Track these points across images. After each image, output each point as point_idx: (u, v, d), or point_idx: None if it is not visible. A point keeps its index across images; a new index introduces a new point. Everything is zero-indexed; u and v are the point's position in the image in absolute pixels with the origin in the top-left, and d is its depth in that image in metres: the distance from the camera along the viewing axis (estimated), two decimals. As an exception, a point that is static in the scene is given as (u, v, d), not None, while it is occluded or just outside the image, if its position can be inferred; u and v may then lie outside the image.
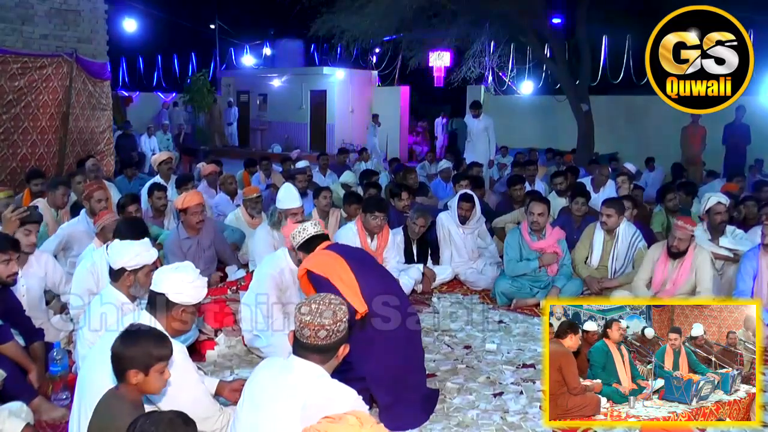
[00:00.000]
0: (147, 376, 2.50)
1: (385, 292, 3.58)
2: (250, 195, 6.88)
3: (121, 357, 2.51)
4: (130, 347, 2.51)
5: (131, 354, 2.49)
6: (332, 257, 3.58)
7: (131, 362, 2.49)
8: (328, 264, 3.54)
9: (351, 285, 3.45)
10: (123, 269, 3.60)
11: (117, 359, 2.52)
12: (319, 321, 2.42)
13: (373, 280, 3.61)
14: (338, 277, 3.45)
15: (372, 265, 3.87)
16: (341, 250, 3.75)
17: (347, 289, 3.38)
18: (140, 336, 2.56)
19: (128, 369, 2.49)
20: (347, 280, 3.47)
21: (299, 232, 3.90)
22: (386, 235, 5.90)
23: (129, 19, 23.00)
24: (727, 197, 5.93)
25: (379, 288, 3.59)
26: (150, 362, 2.51)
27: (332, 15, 15.55)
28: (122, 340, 2.55)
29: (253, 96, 23.09)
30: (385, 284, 3.73)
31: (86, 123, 10.43)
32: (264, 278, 4.42)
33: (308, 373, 2.45)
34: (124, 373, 2.50)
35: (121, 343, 2.53)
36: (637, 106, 16.13)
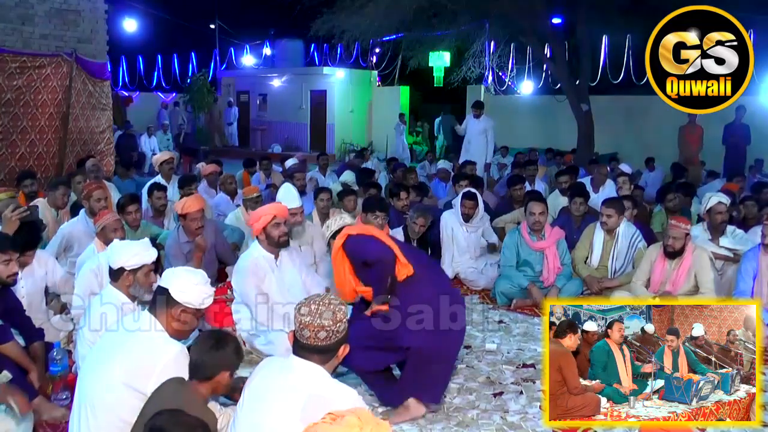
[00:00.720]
0: (231, 377, 2.65)
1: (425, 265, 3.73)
2: (250, 195, 6.88)
3: (217, 359, 2.66)
4: (226, 348, 2.69)
5: (225, 356, 2.67)
6: (372, 227, 3.74)
7: (226, 364, 2.68)
8: (370, 229, 3.67)
9: (392, 245, 3.53)
10: (122, 269, 3.60)
11: (211, 360, 2.66)
12: (319, 322, 2.42)
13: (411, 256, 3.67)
14: (382, 236, 3.54)
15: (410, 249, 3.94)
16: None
17: (394, 246, 3.47)
18: (229, 339, 2.77)
19: (223, 370, 2.66)
20: (388, 241, 3.54)
21: (336, 221, 3.99)
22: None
23: (129, 19, 22.99)
24: (727, 197, 5.93)
25: (419, 262, 3.69)
26: (236, 364, 2.72)
27: (332, 15, 15.56)
28: (217, 344, 2.70)
29: (253, 96, 23.10)
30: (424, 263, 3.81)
31: (86, 123, 10.43)
32: (242, 272, 4.52)
33: (308, 373, 2.44)
34: (216, 373, 2.65)
35: (216, 346, 2.69)
36: (637, 106, 16.12)
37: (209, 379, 2.66)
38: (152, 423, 2.32)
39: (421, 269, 3.66)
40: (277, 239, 4.51)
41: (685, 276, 5.00)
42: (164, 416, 2.34)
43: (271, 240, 4.51)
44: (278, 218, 4.51)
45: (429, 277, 3.72)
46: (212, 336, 2.79)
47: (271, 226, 4.49)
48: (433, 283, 3.70)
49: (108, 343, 2.95)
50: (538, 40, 14.26)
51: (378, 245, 3.60)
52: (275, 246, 4.54)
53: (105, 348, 2.93)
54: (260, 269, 4.50)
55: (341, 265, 3.69)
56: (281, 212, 4.58)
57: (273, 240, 4.51)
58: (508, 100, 19.36)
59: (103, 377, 2.77)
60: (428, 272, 3.76)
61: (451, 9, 14.48)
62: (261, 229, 4.51)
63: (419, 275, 3.61)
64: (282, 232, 4.52)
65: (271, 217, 4.49)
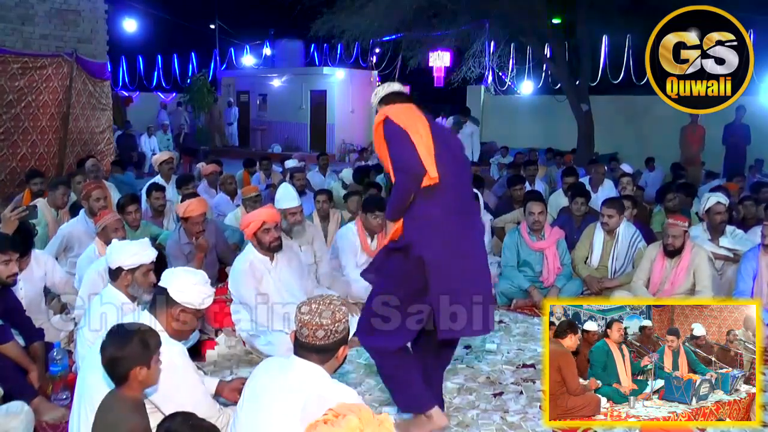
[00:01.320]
0: (150, 369, 2.49)
1: (456, 174, 3.26)
2: (249, 194, 6.87)
3: (122, 357, 2.48)
4: (127, 345, 2.48)
5: (131, 352, 2.47)
6: (416, 114, 3.28)
7: (134, 360, 2.47)
8: (410, 117, 3.24)
9: (428, 145, 3.15)
10: (120, 268, 3.60)
11: (117, 361, 2.49)
12: (318, 321, 2.43)
13: (448, 160, 3.24)
14: (417, 132, 3.16)
15: (452, 151, 3.37)
16: (426, 114, 3.40)
17: (423, 147, 3.12)
18: (131, 332, 2.54)
19: (132, 367, 2.47)
20: (425, 139, 3.16)
21: (383, 88, 3.58)
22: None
23: (129, 19, 22.99)
24: (726, 197, 5.93)
25: (452, 169, 3.25)
26: (149, 354, 2.49)
27: (332, 15, 15.55)
28: (116, 342, 2.51)
29: (253, 96, 23.10)
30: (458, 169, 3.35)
31: (86, 123, 10.45)
32: (238, 275, 4.50)
33: (308, 373, 2.45)
34: (127, 373, 2.48)
35: (117, 345, 2.50)
36: (637, 106, 16.13)
37: (124, 380, 2.51)
38: (167, 426, 2.31)
39: (448, 178, 3.19)
40: (268, 244, 4.50)
41: (684, 274, 5.00)
42: (179, 420, 2.33)
43: (263, 245, 4.51)
44: (268, 224, 4.48)
45: (455, 190, 3.26)
46: (111, 332, 2.60)
47: (261, 232, 4.48)
48: (457, 198, 3.27)
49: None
50: (538, 40, 14.26)
51: (406, 152, 3.13)
52: (267, 251, 4.54)
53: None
54: (257, 271, 4.49)
55: (379, 142, 3.32)
56: (271, 217, 4.54)
57: (264, 245, 4.50)
58: (508, 100, 19.36)
59: (102, 377, 2.77)
60: (455, 183, 3.27)
61: (451, 9, 14.48)
62: (252, 234, 4.51)
63: (444, 185, 3.17)
64: (273, 238, 4.50)
65: (261, 223, 4.47)
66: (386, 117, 3.23)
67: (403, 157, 3.13)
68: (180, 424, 2.28)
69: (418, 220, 3.18)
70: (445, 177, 3.15)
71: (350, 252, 5.80)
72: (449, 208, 3.20)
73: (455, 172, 3.26)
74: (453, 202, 3.21)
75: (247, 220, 4.54)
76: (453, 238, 3.17)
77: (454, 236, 3.18)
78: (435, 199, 3.15)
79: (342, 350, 2.51)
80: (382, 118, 3.25)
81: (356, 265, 5.80)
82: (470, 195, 3.50)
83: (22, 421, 3.06)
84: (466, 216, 3.31)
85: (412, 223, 3.21)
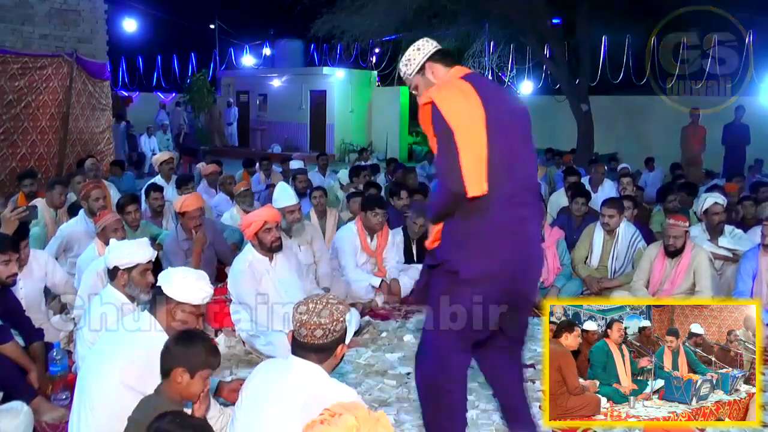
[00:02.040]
0: (192, 379, 2.53)
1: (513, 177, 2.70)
2: (239, 189, 6.88)
3: (173, 353, 2.55)
4: (184, 346, 2.56)
5: (183, 353, 2.54)
6: (470, 101, 2.62)
7: (180, 360, 2.53)
8: (459, 105, 2.61)
9: (479, 145, 2.57)
10: (117, 268, 3.60)
11: (167, 355, 2.56)
12: (316, 320, 2.43)
13: (506, 154, 2.66)
14: (466, 130, 2.57)
15: (512, 139, 2.73)
16: (484, 93, 2.67)
17: (471, 154, 2.54)
18: (196, 338, 2.62)
19: (175, 366, 2.52)
20: (475, 138, 2.58)
21: (418, 51, 2.86)
22: (386, 234, 5.92)
23: (129, 19, 23.01)
24: (724, 197, 5.92)
25: (509, 169, 2.68)
26: (198, 366, 2.55)
27: (332, 15, 15.55)
28: (178, 339, 2.60)
29: (253, 96, 23.08)
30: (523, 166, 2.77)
31: (86, 123, 10.44)
32: (238, 275, 4.51)
33: (307, 373, 2.45)
34: (170, 370, 2.53)
35: (176, 341, 2.58)
36: (636, 107, 16.12)
37: (167, 375, 2.55)
38: (156, 425, 2.32)
39: (503, 185, 2.63)
40: (270, 244, 4.50)
41: (684, 275, 5.01)
42: (168, 418, 2.34)
43: (264, 245, 4.51)
44: (269, 223, 4.49)
45: (510, 199, 2.68)
46: (182, 331, 2.72)
47: (262, 231, 4.48)
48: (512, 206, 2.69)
49: (108, 344, 2.95)
50: (538, 40, 14.26)
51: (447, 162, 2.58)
52: (268, 251, 4.53)
53: (105, 348, 2.93)
54: (256, 271, 4.49)
55: (426, 123, 2.76)
56: (272, 217, 4.54)
57: (265, 245, 4.50)
58: None
59: (102, 377, 2.77)
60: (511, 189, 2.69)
61: (451, 9, 14.47)
62: (253, 234, 4.50)
63: (496, 197, 2.62)
64: (274, 237, 4.50)
65: (262, 223, 4.47)
66: (432, 103, 2.65)
67: (443, 169, 2.65)
68: (169, 423, 2.29)
69: (457, 236, 2.71)
70: (499, 183, 2.60)
71: (350, 252, 5.80)
72: (498, 224, 2.67)
73: (513, 172, 2.69)
74: (505, 216, 2.66)
75: (249, 220, 4.54)
76: (499, 264, 2.67)
77: (501, 260, 2.68)
78: (482, 214, 2.63)
79: (340, 349, 2.51)
80: (427, 101, 2.68)
81: (356, 265, 5.81)
82: (534, 198, 2.85)
83: (21, 422, 3.05)
84: (522, 235, 2.74)
85: (451, 237, 2.74)
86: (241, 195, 6.80)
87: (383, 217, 5.79)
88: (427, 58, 2.82)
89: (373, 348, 4.71)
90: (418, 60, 2.84)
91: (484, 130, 2.58)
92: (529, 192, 2.78)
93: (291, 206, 5.35)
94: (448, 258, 2.71)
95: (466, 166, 2.53)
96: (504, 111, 2.72)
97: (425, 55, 2.83)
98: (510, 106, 2.80)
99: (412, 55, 2.86)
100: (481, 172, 2.55)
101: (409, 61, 2.86)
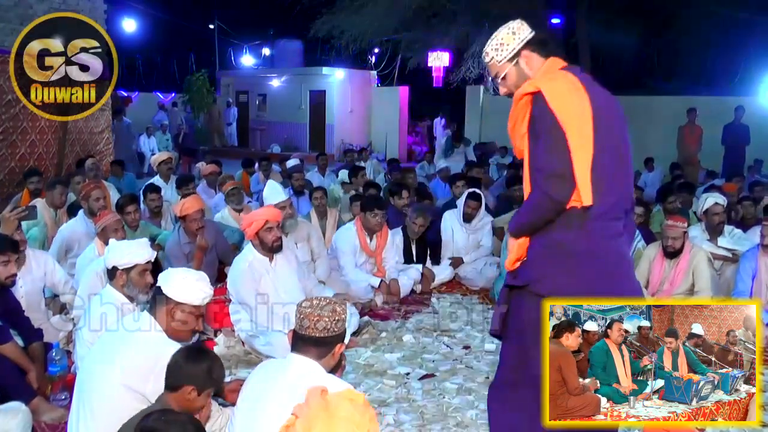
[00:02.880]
0: (198, 396, 2.56)
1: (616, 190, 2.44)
2: (228, 188, 6.83)
3: (184, 371, 2.57)
4: (196, 364, 2.58)
5: (194, 371, 2.56)
6: (581, 97, 2.36)
7: (191, 379, 2.56)
8: (572, 101, 2.34)
9: (587, 151, 2.32)
10: (115, 268, 3.60)
11: (178, 371, 2.57)
12: (319, 313, 2.47)
13: (610, 165, 2.39)
14: (578, 132, 2.31)
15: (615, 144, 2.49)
16: (591, 90, 2.42)
17: (582, 162, 2.29)
18: (207, 357, 2.65)
19: (185, 384, 2.55)
20: (586, 143, 2.31)
21: (513, 33, 2.58)
22: (385, 234, 5.93)
23: (128, 19, 23.02)
24: (724, 197, 5.92)
25: (613, 180, 2.42)
26: (207, 385, 2.59)
27: (332, 15, 15.55)
28: (189, 355, 2.61)
29: (252, 96, 23.08)
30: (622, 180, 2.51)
31: (85, 123, 10.42)
32: (238, 275, 4.52)
33: (305, 370, 2.45)
34: (180, 385, 2.56)
35: (188, 358, 2.60)
36: (636, 107, 16.10)
37: (174, 390, 2.57)
38: (143, 424, 2.34)
39: (606, 198, 2.38)
40: (271, 244, 4.50)
41: (683, 275, 5.00)
42: (153, 416, 2.36)
43: (265, 245, 4.51)
44: (270, 223, 4.50)
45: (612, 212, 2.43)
46: (193, 347, 2.76)
47: (263, 231, 4.49)
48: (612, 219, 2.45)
49: (107, 344, 2.95)
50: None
51: (555, 166, 2.32)
52: (269, 251, 4.54)
53: (104, 349, 2.93)
54: (256, 271, 4.49)
55: (518, 118, 2.53)
56: (273, 217, 4.55)
57: (266, 245, 4.51)
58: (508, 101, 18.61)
59: (101, 378, 2.77)
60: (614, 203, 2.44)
61: (450, 9, 14.48)
62: (254, 234, 4.50)
63: (599, 212, 2.37)
64: (275, 237, 4.51)
65: (263, 222, 4.48)
66: (539, 92, 2.35)
67: (545, 172, 2.36)
68: (156, 420, 2.31)
69: (552, 250, 2.44)
70: (602, 194, 2.35)
71: (349, 252, 5.81)
72: (595, 241, 2.41)
73: (616, 182, 2.43)
74: (605, 232, 2.42)
75: (249, 220, 4.55)
76: (595, 285, 2.45)
77: (594, 281, 2.45)
78: (583, 228, 2.37)
79: (338, 347, 2.52)
80: (532, 90, 2.38)
81: (355, 265, 5.82)
82: (629, 213, 2.58)
83: (20, 422, 3.05)
84: (618, 254, 2.53)
85: (543, 251, 2.48)
86: (229, 194, 6.76)
87: (382, 218, 5.81)
88: (524, 44, 2.51)
89: (373, 348, 4.71)
90: (512, 46, 2.51)
91: (591, 133, 2.32)
92: (626, 206, 2.53)
93: (282, 202, 5.37)
94: (537, 278, 2.45)
95: (579, 171, 2.27)
96: (609, 113, 2.44)
97: (521, 40, 2.51)
98: (614, 109, 2.53)
99: (505, 39, 2.52)
100: (588, 185, 2.30)
101: (501, 46, 2.52)
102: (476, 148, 15.44)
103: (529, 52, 2.52)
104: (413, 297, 5.95)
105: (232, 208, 6.71)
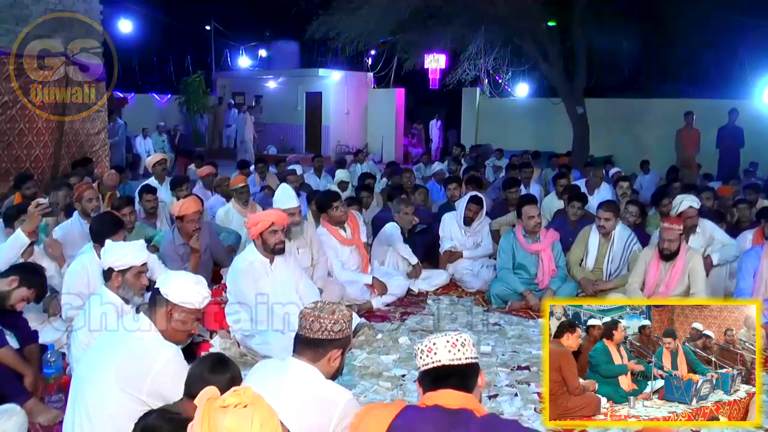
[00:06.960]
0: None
1: None
2: (237, 185, 6.93)
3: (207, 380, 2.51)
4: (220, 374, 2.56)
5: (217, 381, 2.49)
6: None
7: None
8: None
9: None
10: (111, 269, 3.58)
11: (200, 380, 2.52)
12: (317, 314, 2.47)
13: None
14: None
15: None
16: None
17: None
18: (229, 366, 2.64)
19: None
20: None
21: None
22: (354, 219, 6.00)
23: (124, 20, 22.93)
24: (698, 201, 5.89)
25: None
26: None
27: (328, 17, 15.53)
28: (213, 366, 2.60)
29: (249, 98, 23.05)
30: None
31: (81, 124, 10.39)
32: (238, 273, 4.51)
33: (303, 373, 2.45)
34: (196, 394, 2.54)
35: (212, 368, 2.59)
36: (632, 109, 16.17)
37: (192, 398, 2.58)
38: (143, 424, 2.32)
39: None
40: (273, 246, 4.49)
41: (679, 277, 5.01)
42: (153, 415, 2.34)
43: (267, 246, 4.50)
44: (276, 225, 4.49)
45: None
46: (215, 357, 2.74)
47: (268, 232, 4.48)
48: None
49: (103, 346, 2.93)
50: (534, 43, 14.26)
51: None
52: (270, 252, 4.52)
53: (100, 350, 2.91)
54: (255, 272, 4.49)
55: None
56: (280, 219, 4.55)
57: (269, 247, 4.50)
58: (504, 103, 19.39)
59: (97, 380, 2.74)
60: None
61: (446, 11, 14.47)
62: (258, 234, 4.49)
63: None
64: (278, 240, 4.50)
65: (269, 224, 4.47)
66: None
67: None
68: (156, 419, 2.29)
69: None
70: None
71: (332, 253, 5.79)
72: None
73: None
74: None
75: (255, 219, 4.54)
76: None
77: None
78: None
79: (334, 352, 2.50)
80: None
81: (342, 266, 5.80)
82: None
83: (15, 423, 3.04)
84: None
85: None
86: (238, 191, 6.87)
87: (344, 206, 5.87)
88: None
89: (369, 350, 4.69)
90: None
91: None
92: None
93: (292, 209, 5.31)
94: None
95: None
96: None
97: None
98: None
99: None
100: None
101: None
102: (472, 150, 15.46)
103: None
104: (409, 299, 5.94)
105: (240, 204, 6.84)
